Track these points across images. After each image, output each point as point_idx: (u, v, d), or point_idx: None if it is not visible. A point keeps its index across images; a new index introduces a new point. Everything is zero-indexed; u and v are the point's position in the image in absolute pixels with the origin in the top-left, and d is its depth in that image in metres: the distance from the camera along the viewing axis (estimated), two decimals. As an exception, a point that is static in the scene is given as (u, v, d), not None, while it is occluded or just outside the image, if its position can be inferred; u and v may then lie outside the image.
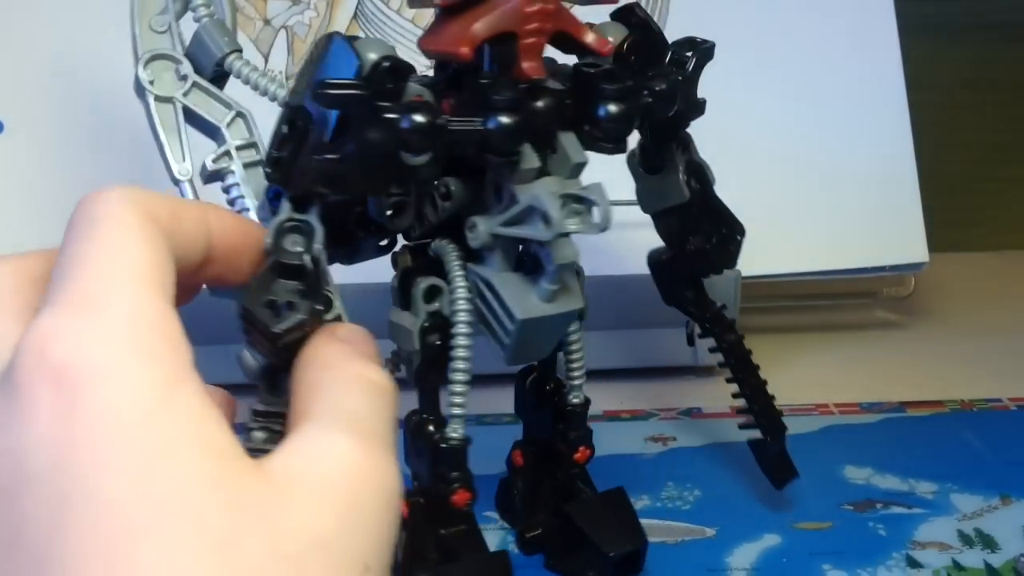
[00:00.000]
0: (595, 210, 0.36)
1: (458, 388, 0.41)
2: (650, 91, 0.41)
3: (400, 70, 0.36)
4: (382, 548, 0.26)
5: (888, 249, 0.68)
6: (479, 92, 0.37)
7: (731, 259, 0.47)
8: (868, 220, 0.68)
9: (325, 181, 0.36)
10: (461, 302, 0.40)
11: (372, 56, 0.36)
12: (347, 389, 0.29)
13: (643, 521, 0.49)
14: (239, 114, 0.44)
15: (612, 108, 0.39)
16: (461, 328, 0.40)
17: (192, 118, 0.44)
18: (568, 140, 0.39)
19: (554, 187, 0.37)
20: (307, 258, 0.35)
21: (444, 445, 0.41)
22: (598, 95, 0.39)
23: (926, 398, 0.64)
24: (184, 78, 0.44)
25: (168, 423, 0.24)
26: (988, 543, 0.51)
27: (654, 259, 0.50)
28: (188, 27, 0.45)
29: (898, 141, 0.69)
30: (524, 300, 0.39)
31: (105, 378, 0.23)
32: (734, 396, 0.50)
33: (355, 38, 0.37)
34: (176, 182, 0.44)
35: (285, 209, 0.37)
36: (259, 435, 0.34)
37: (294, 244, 0.36)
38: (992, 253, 0.87)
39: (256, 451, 0.31)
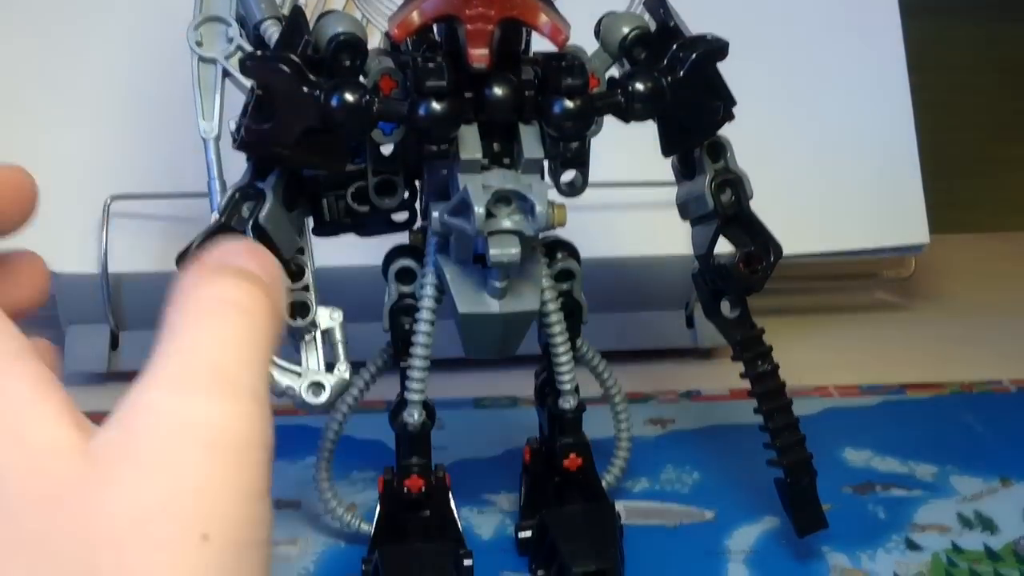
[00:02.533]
0: (529, 209, 0.35)
1: (415, 374, 0.41)
2: (624, 90, 0.39)
3: (356, 46, 0.37)
4: (226, 510, 0.23)
5: (889, 230, 0.68)
6: (416, 75, 0.36)
7: (757, 281, 0.44)
8: (869, 201, 0.68)
9: (269, 149, 0.37)
10: (427, 288, 0.40)
11: (329, 31, 0.37)
12: (189, 322, 0.25)
13: (642, 504, 0.48)
14: None
15: (567, 104, 0.37)
16: (423, 314, 0.40)
17: (233, 80, 0.46)
18: (527, 133, 0.38)
19: (493, 181, 0.36)
20: (249, 225, 0.37)
21: (404, 429, 0.42)
22: (553, 89, 0.37)
23: (926, 380, 0.64)
24: (231, 41, 0.45)
25: None
26: (988, 525, 0.51)
27: (694, 270, 0.47)
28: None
29: (899, 122, 0.69)
30: (470, 294, 0.38)
31: None
32: (761, 428, 0.47)
33: (329, 13, 0.38)
34: (202, 139, 0.46)
35: (247, 175, 0.38)
36: None
37: (247, 210, 0.37)
38: (993, 234, 0.87)
39: None
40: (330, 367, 0.42)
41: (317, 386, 0.41)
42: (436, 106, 0.35)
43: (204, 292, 0.26)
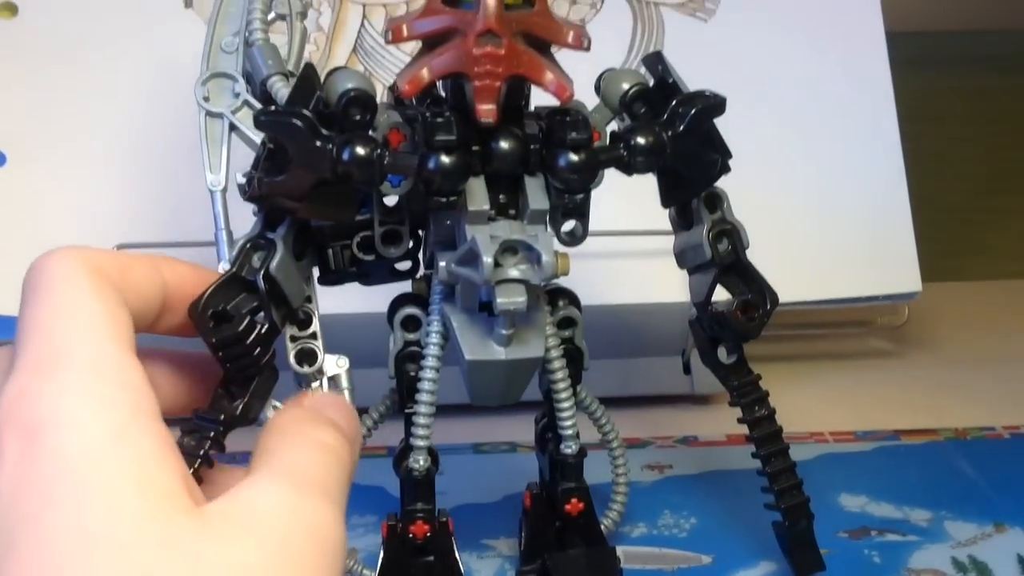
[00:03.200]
0: (535, 259, 0.36)
1: (421, 420, 0.42)
2: (626, 144, 0.40)
3: (366, 102, 0.38)
4: None
5: (882, 279, 0.69)
6: (425, 130, 0.37)
7: (754, 329, 0.45)
8: (862, 250, 0.68)
9: (280, 201, 0.37)
10: (432, 335, 0.41)
11: (339, 87, 0.38)
12: (295, 447, 0.31)
13: (639, 549, 0.49)
14: None
15: (572, 158, 0.38)
16: (428, 361, 0.41)
17: (240, 134, 0.46)
18: (532, 185, 0.39)
19: (500, 231, 0.37)
20: (260, 275, 0.37)
21: (410, 475, 0.43)
22: (558, 143, 0.38)
23: (920, 426, 0.65)
24: (237, 96, 0.46)
25: (111, 463, 0.26)
26: (982, 571, 0.51)
27: (691, 317, 0.48)
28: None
29: (891, 172, 0.70)
30: (476, 342, 0.39)
31: (59, 426, 0.26)
32: (759, 473, 0.48)
33: (338, 69, 0.39)
34: (210, 191, 0.47)
35: (257, 226, 0.39)
36: (190, 441, 0.36)
37: (257, 260, 0.38)
38: (985, 282, 0.88)
39: (189, 456, 0.34)
40: None
41: None
42: (445, 160, 0.36)
43: (307, 432, 0.32)
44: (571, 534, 0.47)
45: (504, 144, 0.38)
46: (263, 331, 0.37)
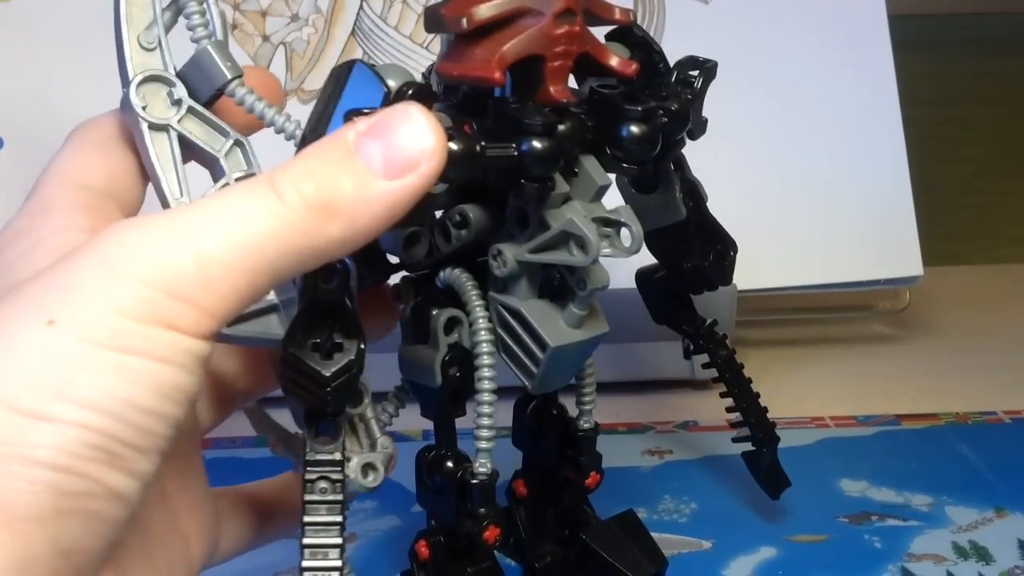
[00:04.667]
0: (624, 232, 0.36)
1: (484, 421, 0.39)
2: (665, 111, 0.40)
3: (424, 96, 0.36)
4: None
5: (883, 263, 0.69)
6: (508, 117, 0.36)
7: (727, 275, 0.47)
8: (863, 234, 0.68)
9: None
10: (483, 332, 0.39)
11: (394, 83, 0.36)
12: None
13: (640, 534, 0.48)
14: (237, 142, 0.38)
15: (635, 129, 0.38)
16: (485, 359, 0.38)
17: (187, 147, 0.38)
18: (590, 163, 0.38)
19: (583, 211, 0.36)
20: (344, 295, 0.34)
21: (474, 481, 0.39)
22: (620, 116, 0.38)
23: (921, 411, 0.64)
24: (178, 102, 0.38)
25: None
26: (983, 555, 0.51)
27: (644, 277, 0.49)
28: (174, 42, 0.40)
29: (892, 155, 0.70)
30: (553, 327, 0.38)
31: None
32: (728, 410, 0.50)
33: (373, 66, 0.37)
34: None
35: None
36: (323, 485, 0.34)
37: (327, 281, 0.34)
38: (986, 267, 0.88)
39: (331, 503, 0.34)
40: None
41: (368, 467, 0.37)
42: (538, 145, 0.35)
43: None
44: (583, 509, 0.47)
45: (571, 123, 0.37)
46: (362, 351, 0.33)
